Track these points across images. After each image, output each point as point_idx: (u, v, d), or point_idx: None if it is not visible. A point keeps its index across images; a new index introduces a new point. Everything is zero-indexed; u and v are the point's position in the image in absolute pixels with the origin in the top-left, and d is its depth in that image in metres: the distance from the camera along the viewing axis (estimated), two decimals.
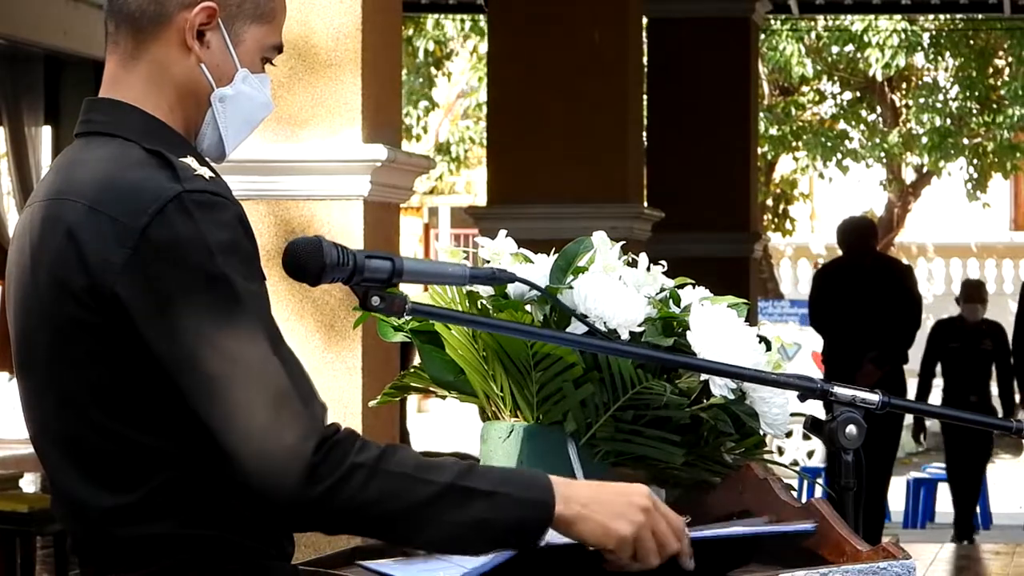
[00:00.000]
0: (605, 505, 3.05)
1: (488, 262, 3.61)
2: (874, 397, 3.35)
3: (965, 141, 31.68)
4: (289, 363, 3.00)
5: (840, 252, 15.75)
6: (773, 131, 30.80)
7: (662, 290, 3.66)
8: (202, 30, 3.16)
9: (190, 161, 3.08)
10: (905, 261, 34.47)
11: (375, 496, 2.95)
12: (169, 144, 3.12)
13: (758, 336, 3.65)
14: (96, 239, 3.00)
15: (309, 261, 3.12)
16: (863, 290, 14.88)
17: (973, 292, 16.79)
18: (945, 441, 17.87)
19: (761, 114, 22.55)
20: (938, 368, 17.01)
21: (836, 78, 31.85)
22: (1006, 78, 30.93)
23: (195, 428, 2.99)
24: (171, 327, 2.96)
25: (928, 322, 17.34)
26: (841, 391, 3.36)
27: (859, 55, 30.23)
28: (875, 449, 13.94)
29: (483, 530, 2.99)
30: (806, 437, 25.23)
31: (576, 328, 3.52)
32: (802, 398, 3.51)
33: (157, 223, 2.97)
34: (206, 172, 3.08)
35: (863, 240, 15.57)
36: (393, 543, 3.15)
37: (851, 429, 3.33)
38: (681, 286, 3.69)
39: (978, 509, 19.78)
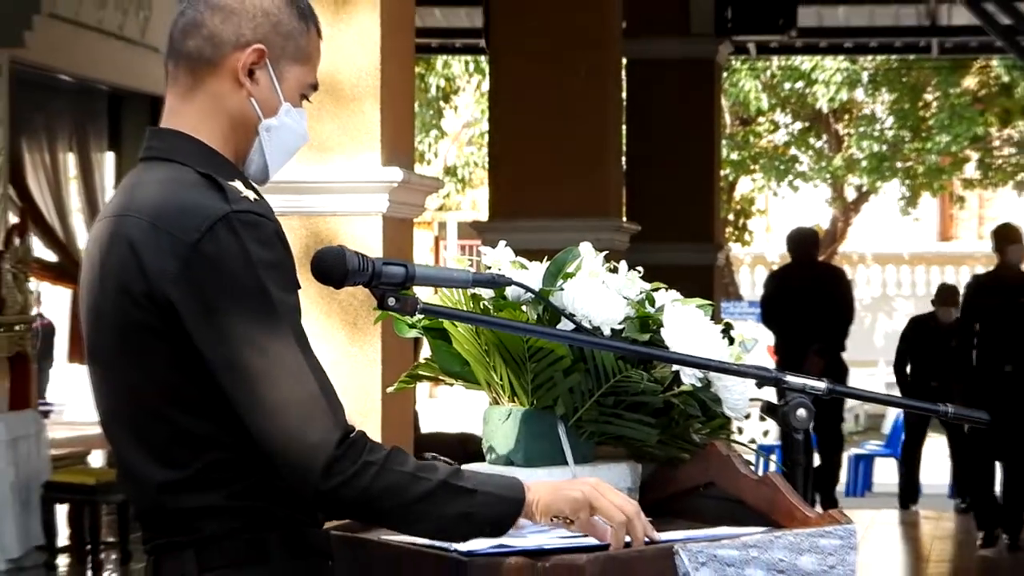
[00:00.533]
0: (560, 487, 3.11)
1: (489, 268, 3.61)
2: (821, 385, 3.35)
3: (899, 164, 31.68)
4: (316, 369, 3.01)
5: (790, 259, 15.92)
6: (734, 156, 30.81)
7: (639, 293, 3.65)
8: (252, 68, 3.16)
9: (237, 184, 3.08)
10: (845, 267, 34.73)
11: (380, 491, 2.97)
12: (220, 169, 3.12)
13: (721, 332, 3.65)
14: (154, 251, 3.01)
15: (334, 267, 3.15)
16: (807, 292, 15.05)
17: (948, 296, 16.50)
18: (906, 423, 17.78)
19: (723, 141, 22.51)
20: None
21: (788, 110, 31.83)
22: (934, 110, 30.91)
23: (238, 416, 3.00)
24: (215, 330, 2.97)
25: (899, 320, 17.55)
26: (793, 380, 3.36)
27: (808, 90, 30.23)
28: (825, 430, 13.94)
29: (466, 523, 3.02)
30: (762, 419, 25.21)
31: (565, 325, 3.51)
32: (759, 385, 3.51)
33: (207, 239, 2.97)
34: (251, 194, 3.08)
35: (808, 249, 15.75)
36: (392, 530, 3.15)
37: (801, 412, 3.33)
38: (656, 289, 3.69)
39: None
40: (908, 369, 16.81)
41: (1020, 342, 12.66)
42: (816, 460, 14.19)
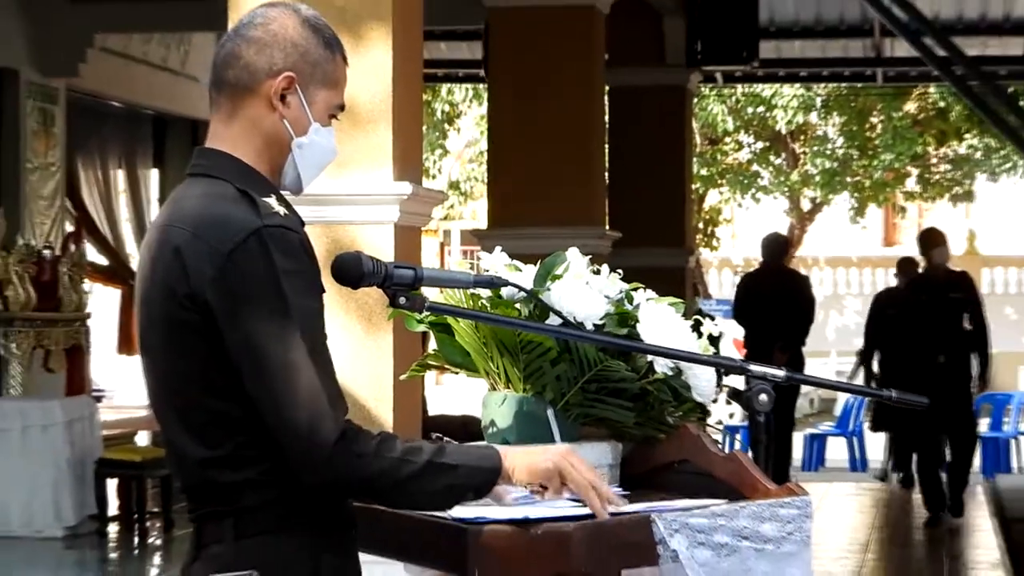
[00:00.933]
0: (532, 455, 3.13)
1: (487, 271, 3.61)
2: (780, 373, 3.35)
3: (848, 179, 31.70)
4: (323, 368, 3.03)
5: (758, 263, 15.95)
6: (703, 172, 30.79)
7: (619, 292, 3.65)
8: (284, 93, 3.17)
9: (271, 200, 3.10)
10: (803, 271, 34.68)
11: (374, 476, 3.00)
12: (255, 184, 3.13)
13: (691, 327, 3.65)
14: (195, 258, 3.03)
15: (351, 270, 3.19)
16: (775, 293, 15.05)
17: (907, 266, 16.05)
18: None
19: (694, 159, 22.51)
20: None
21: (750, 131, 31.83)
22: (879, 131, 30.91)
23: (254, 409, 3.04)
24: (239, 330, 3.00)
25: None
26: (755, 368, 3.35)
27: (768, 114, 30.24)
28: (780, 413, 13.78)
29: (452, 493, 3.06)
30: (728, 402, 25.22)
31: (553, 321, 3.51)
32: (726, 374, 3.51)
33: (240, 249, 3.00)
34: (282, 209, 3.10)
35: (780, 254, 15.78)
36: (388, 507, 3.17)
37: (763, 397, 3.33)
38: (634, 289, 3.69)
39: (857, 456, 19.79)
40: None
41: (951, 335, 12.62)
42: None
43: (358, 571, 3.18)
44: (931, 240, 13.19)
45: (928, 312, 12.76)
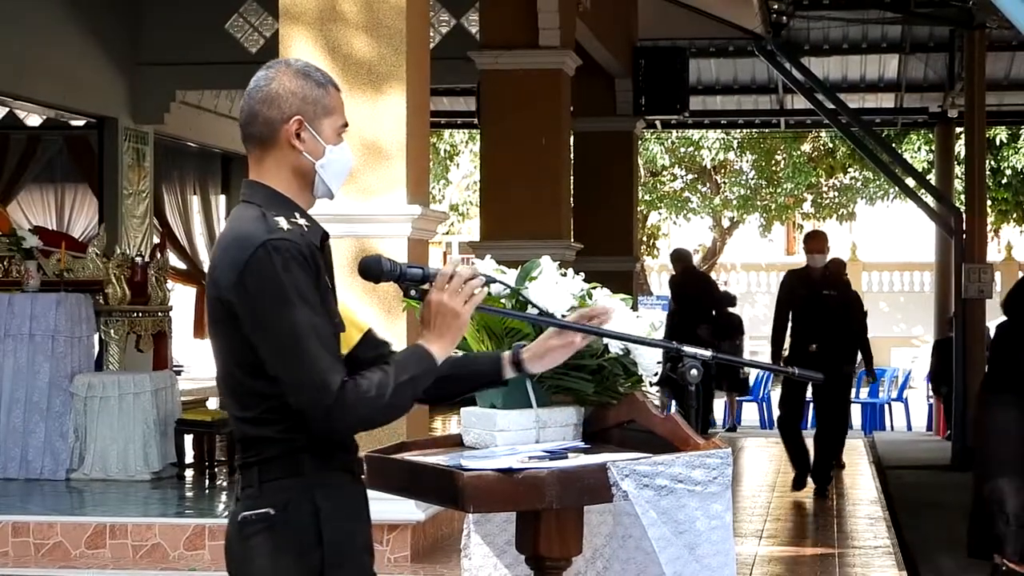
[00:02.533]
0: (439, 329, 3.12)
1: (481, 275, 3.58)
2: (707, 353, 3.32)
3: (758, 203, 31.72)
4: (323, 341, 2.99)
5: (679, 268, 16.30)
6: (646, 197, 30.81)
7: (581, 290, 3.63)
8: (298, 132, 3.14)
9: (281, 219, 3.06)
10: (721, 273, 34.68)
11: (366, 415, 2.99)
12: (280, 206, 3.11)
13: (637, 316, 3.63)
14: (223, 269, 3.04)
15: (372, 269, 3.19)
16: (695, 291, 15.35)
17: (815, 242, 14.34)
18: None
19: (639, 187, 22.52)
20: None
21: (683, 166, 31.85)
22: (782, 166, 30.96)
23: (274, 383, 3.02)
24: (255, 321, 2.99)
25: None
26: (687, 349, 3.32)
27: (696, 152, 30.27)
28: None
29: (415, 386, 3.05)
30: (659, 389, 25.26)
31: (531, 311, 3.49)
32: (665, 354, 3.49)
33: (251, 259, 2.99)
34: (287, 225, 3.06)
35: (688, 262, 16.56)
36: (383, 425, 3.13)
37: (693, 372, 3.31)
38: (593, 287, 3.66)
39: (766, 417, 19.81)
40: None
41: (823, 326, 11.39)
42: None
43: (353, 508, 3.12)
44: (811, 242, 11.91)
45: (805, 305, 11.52)
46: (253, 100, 3.16)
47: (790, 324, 11.78)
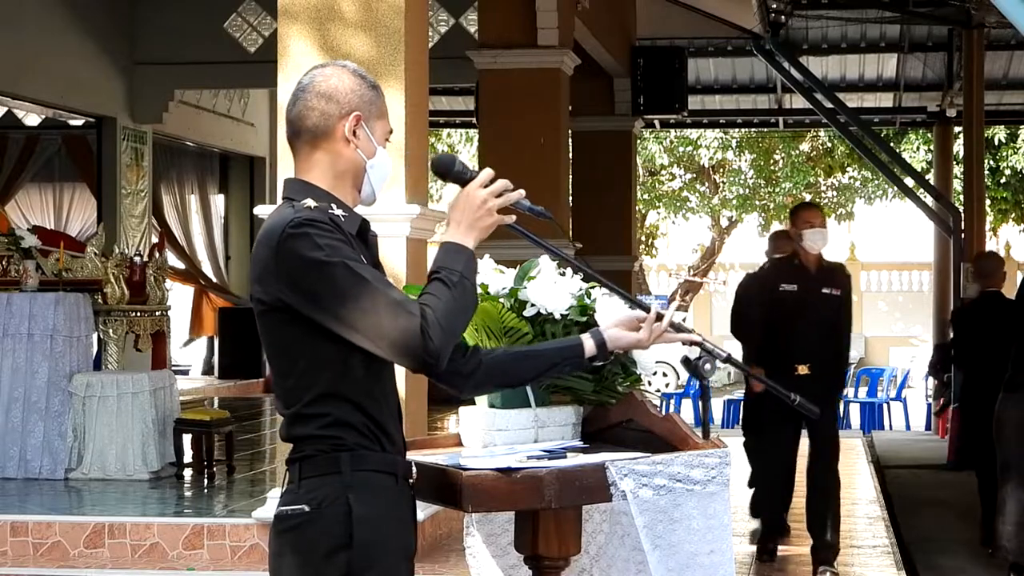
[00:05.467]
0: (472, 215, 3.20)
1: (479, 273, 3.58)
2: (723, 352, 3.31)
3: (757, 202, 31.74)
4: (380, 280, 3.00)
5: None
6: (645, 197, 30.83)
7: (580, 289, 3.63)
8: (354, 130, 3.15)
9: (308, 201, 3.07)
10: (720, 272, 34.61)
11: (452, 325, 2.99)
12: (317, 198, 3.10)
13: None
14: (259, 263, 3.05)
15: (444, 164, 3.29)
16: None
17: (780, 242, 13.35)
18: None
19: (638, 187, 22.54)
20: None
21: (681, 166, 31.85)
22: (780, 165, 30.97)
23: (317, 379, 3.03)
24: (309, 295, 2.98)
25: None
26: (707, 345, 3.32)
27: (694, 152, 30.28)
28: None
29: (469, 278, 3.07)
30: (665, 375, 25.21)
31: (528, 312, 3.49)
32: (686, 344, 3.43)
33: (281, 243, 2.99)
34: (312, 203, 3.07)
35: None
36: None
37: (707, 367, 3.30)
38: (592, 287, 3.66)
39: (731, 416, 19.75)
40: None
41: (818, 339, 10.69)
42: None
43: (391, 512, 3.08)
44: (806, 215, 10.97)
45: (792, 308, 11.25)
46: (309, 94, 3.15)
47: (767, 334, 8.27)
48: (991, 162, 26.64)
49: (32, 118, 16.87)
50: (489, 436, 3.46)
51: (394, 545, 3.06)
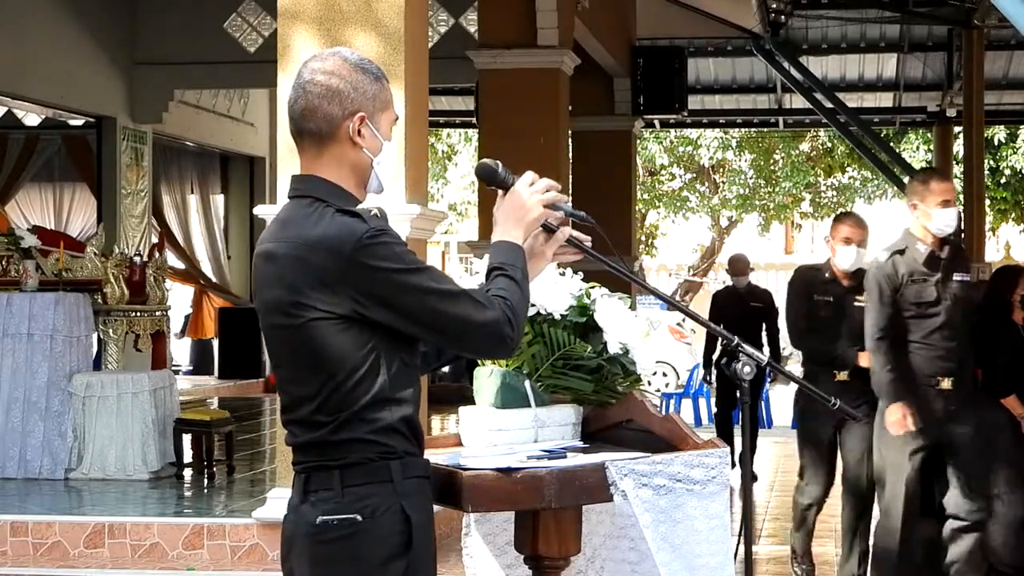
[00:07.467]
0: (517, 215, 3.24)
1: (479, 273, 3.57)
2: (763, 357, 3.30)
3: (757, 202, 31.74)
4: (454, 282, 3.00)
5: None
6: (645, 196, 30.84)
7: (580, 289, 3.62)
8: (359, 129, 3.06)
9: (374, 210, 3.03)
10: (720, 272, 34.63)
11: (523, 314, 3.04)
12: (345, 200, 3.04)
13: (635, 316, 3.63)
14: (320, 265, 2.93)
15: (488, 170, 3.35)
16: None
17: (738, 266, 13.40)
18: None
19: (637, 186, 22.53)
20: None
21: (681, 165, 31.86)
22: (780, 165, 30.97)
23: (372, 384, 2.96)
24: (390, 303, 2.92)
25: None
26: (745, 347, 3.31)
27: (694, 152, 30.28)
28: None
29: (526, 274, 3.13)
30: (664, 375, 25.19)
31: (531, 312, 3.49)
32: (720, 343, 3.44)
33: (357, 248, 2.90)
34: (378, 212, 3.03)
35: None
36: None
37: (746, 369, 3.28)
38: (592, 287, 3.66)
39: (764, 415, 19.79)
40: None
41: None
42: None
43: (431, 515, 3.05)
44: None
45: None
46: (311, 94, 3.05)
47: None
48: (991, 162, 26.64)
49: (32, 118, 16.88)
50: (489, 436, 3.45)
51: (432, 548, 3.05)
